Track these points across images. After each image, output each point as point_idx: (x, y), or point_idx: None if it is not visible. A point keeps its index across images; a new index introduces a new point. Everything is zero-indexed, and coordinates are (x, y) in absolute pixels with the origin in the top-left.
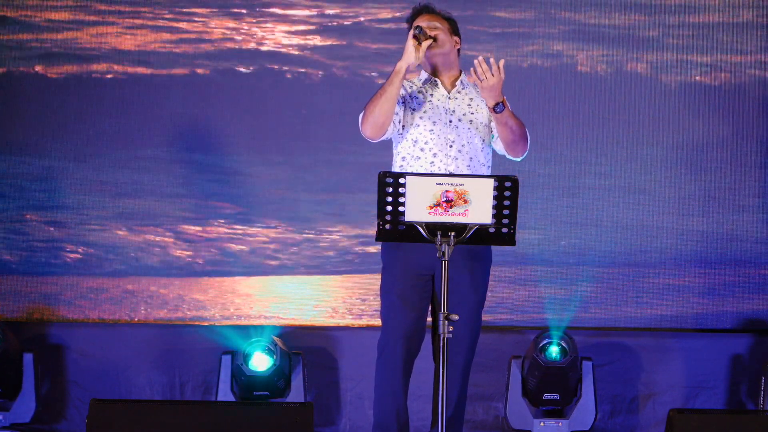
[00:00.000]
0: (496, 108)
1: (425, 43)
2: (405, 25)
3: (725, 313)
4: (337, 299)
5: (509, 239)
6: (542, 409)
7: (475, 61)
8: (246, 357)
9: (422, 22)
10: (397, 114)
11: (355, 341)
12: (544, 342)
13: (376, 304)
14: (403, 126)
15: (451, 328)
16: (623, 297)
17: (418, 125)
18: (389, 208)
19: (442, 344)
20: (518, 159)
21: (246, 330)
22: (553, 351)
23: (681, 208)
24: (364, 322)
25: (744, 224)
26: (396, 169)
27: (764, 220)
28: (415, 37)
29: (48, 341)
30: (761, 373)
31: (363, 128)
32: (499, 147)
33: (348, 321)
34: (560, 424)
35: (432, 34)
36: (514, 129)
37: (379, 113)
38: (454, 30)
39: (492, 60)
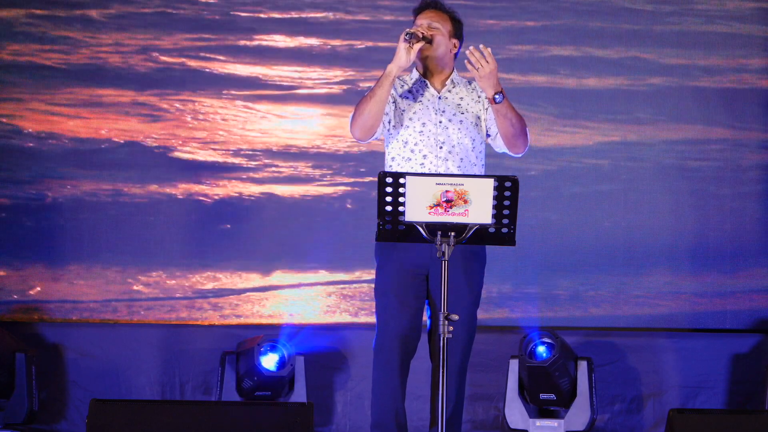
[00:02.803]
0: (496, 97)
1: (417, 46)
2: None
3: (725, 312)
4: (337, 299)
5: (509, 239)
6: (541, 409)
7: (467, 52)
8: (258, 357)
9: (425, 18)
10: (387, 114)
11: (355, 341)
12: (529, 342)
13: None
14: (393, 126)
15: (450, 329)
16: (623, 297)
17: (408, 126)
18: (389, 208)
19: (442, 344)
20: (519, 155)
21: (246, 330)
22: (538, 351)
23: (680, 207)
24: (364, 321)
25: (743, 224)
26: (388, 170)
27: (763, 219)
28: (406, 40)
29: (48, 341)
30: (766, 373)
31: (352, 130)
32: (499, 144)
33: (348, 320)
34: (556, 424)
35: (428, 35)
36: (514, 122)
37: (368, 115)
38: (456, 32)
39: (482, 47)
